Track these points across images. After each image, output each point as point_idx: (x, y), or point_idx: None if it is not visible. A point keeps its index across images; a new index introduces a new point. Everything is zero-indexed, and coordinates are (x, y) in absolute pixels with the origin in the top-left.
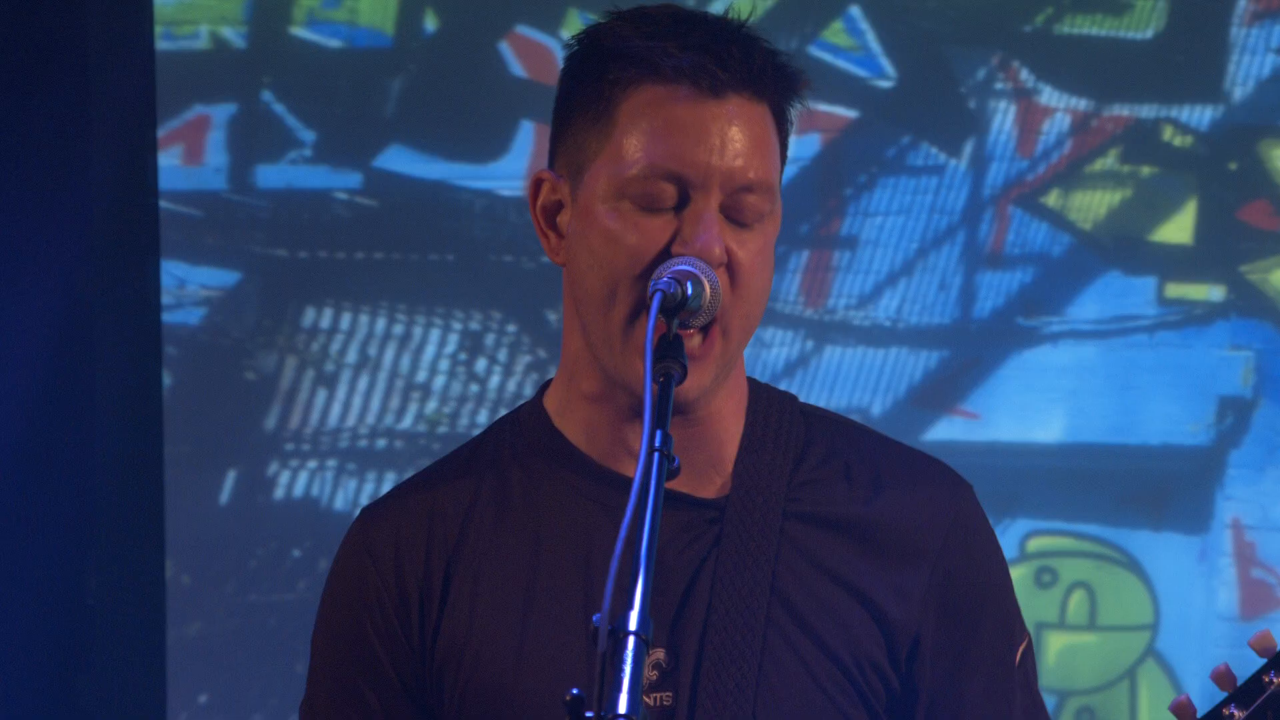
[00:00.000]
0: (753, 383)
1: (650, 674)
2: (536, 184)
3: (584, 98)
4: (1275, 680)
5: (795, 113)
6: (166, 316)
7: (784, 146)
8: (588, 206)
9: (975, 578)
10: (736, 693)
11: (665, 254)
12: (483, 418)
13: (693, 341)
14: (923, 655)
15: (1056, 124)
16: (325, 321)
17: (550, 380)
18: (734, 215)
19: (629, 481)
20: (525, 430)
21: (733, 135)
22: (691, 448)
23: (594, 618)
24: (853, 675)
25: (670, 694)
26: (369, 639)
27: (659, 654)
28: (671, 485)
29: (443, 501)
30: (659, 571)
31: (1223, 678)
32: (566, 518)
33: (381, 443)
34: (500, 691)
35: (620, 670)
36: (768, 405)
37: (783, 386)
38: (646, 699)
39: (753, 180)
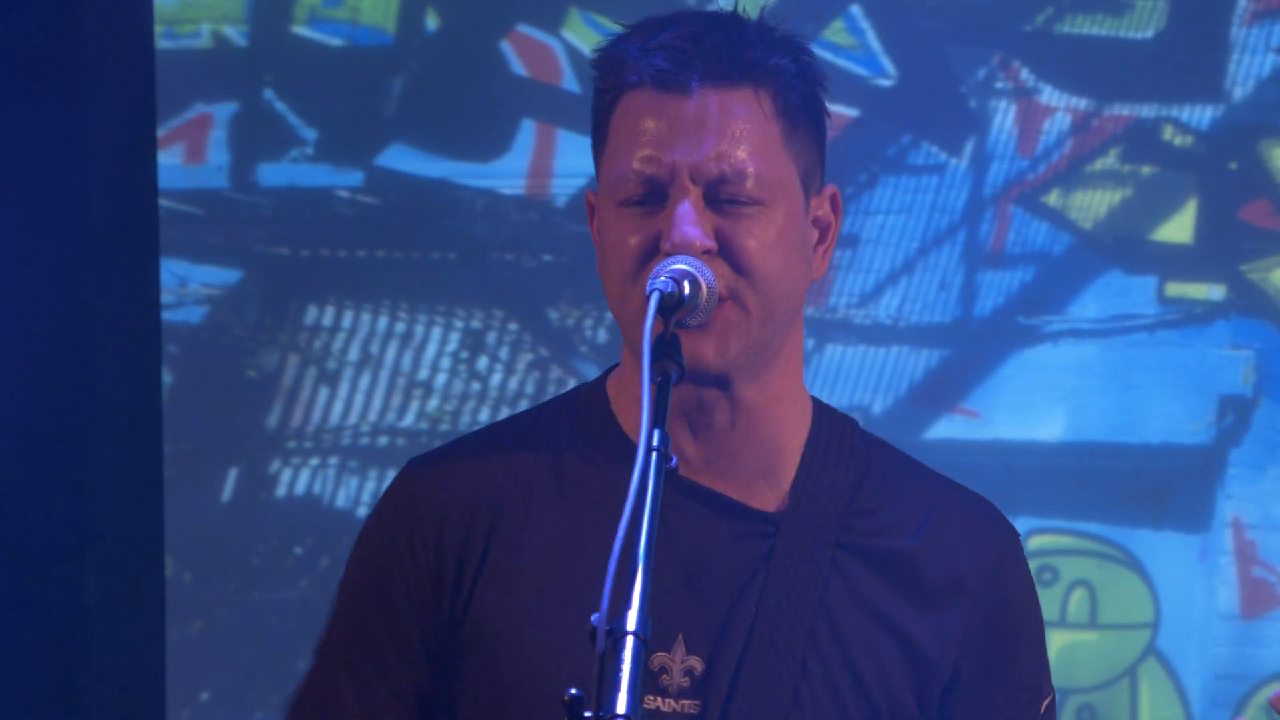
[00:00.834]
0: (817, 402)
1: (681, 680)
2: (589, 205)
3: (592, 115)
4: None
5: (809, 87)
6: (167, 315)
7: (799, 126)
8: (601, 216)
9: (1012, 624)
10: (768, 714)
11: (655, 249)
12: (484, 416)
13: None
14: (957, 693)
15: (1057, 123)
16: (327, 319)
17: (616, 366)
18: (725, 204)
19: (679, 476)
20: (585, 414)
21: (698, 129)
22: (743, 452)
23: (593, 618)
24: (881, 713)
25: (698, 702)
26: (396, 594)
27: (694, 661)
28: (725, 491)
29: (494, 472)
30: (706, 577)
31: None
32: (615, 506)
33: (383, 440)
34: (533, 676)
35: (618, 670)
36: (830, 426)
37: None
38: (674, 704)
39: (727, 170)
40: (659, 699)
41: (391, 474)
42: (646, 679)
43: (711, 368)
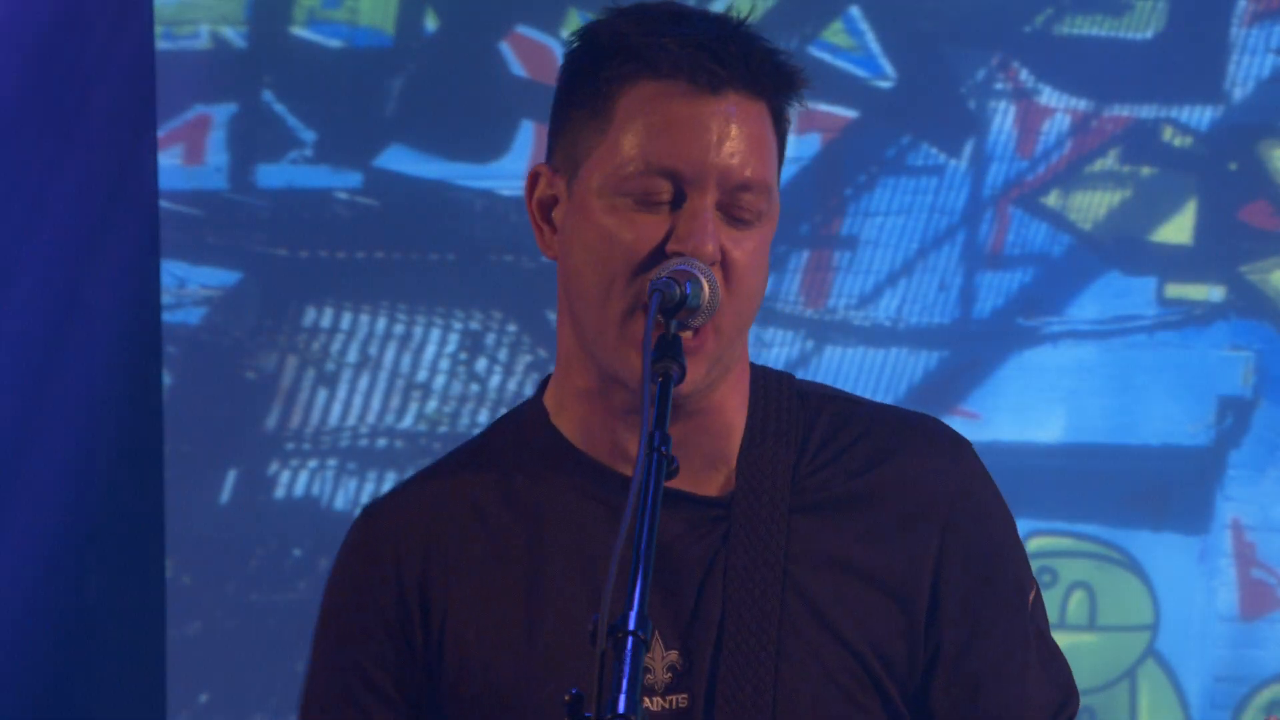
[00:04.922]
0: (753, 369)
1: (665, 676)
2: (534, 177)
3: (582, 93)
4: None
5: (794, 112)
6: (167, 316)
7: (782, 146)
8: (583, 202)
9: (986, 535)
10: (754, 694)
11: (660, 251)
12: (483, 417)
13: (684, 335)
14: (941, 616)
15: (1056, 124)
16: (326, 321)
17: (549, 376)
18: (731, 214)
19: (627, 479)
20: (525, 429)
21: (730, 132)
22: (691, 444)
23: (594, 617)
24: (870, 665)
25: (686, 695)
26: (367, 641)
27: (673, 656)
28: (672, 484)
29: (444, 502)
30: (668, 572)
31: None
32: (568, 517)
33: (382, 442)
34: (509, 696)
35: (619, 670)
36: (766, 393)
37: None
38: (662, 701)
39: (750, 178)
40: (648, 699)
41: (391, 476)
42: None
43: (682, 393)
